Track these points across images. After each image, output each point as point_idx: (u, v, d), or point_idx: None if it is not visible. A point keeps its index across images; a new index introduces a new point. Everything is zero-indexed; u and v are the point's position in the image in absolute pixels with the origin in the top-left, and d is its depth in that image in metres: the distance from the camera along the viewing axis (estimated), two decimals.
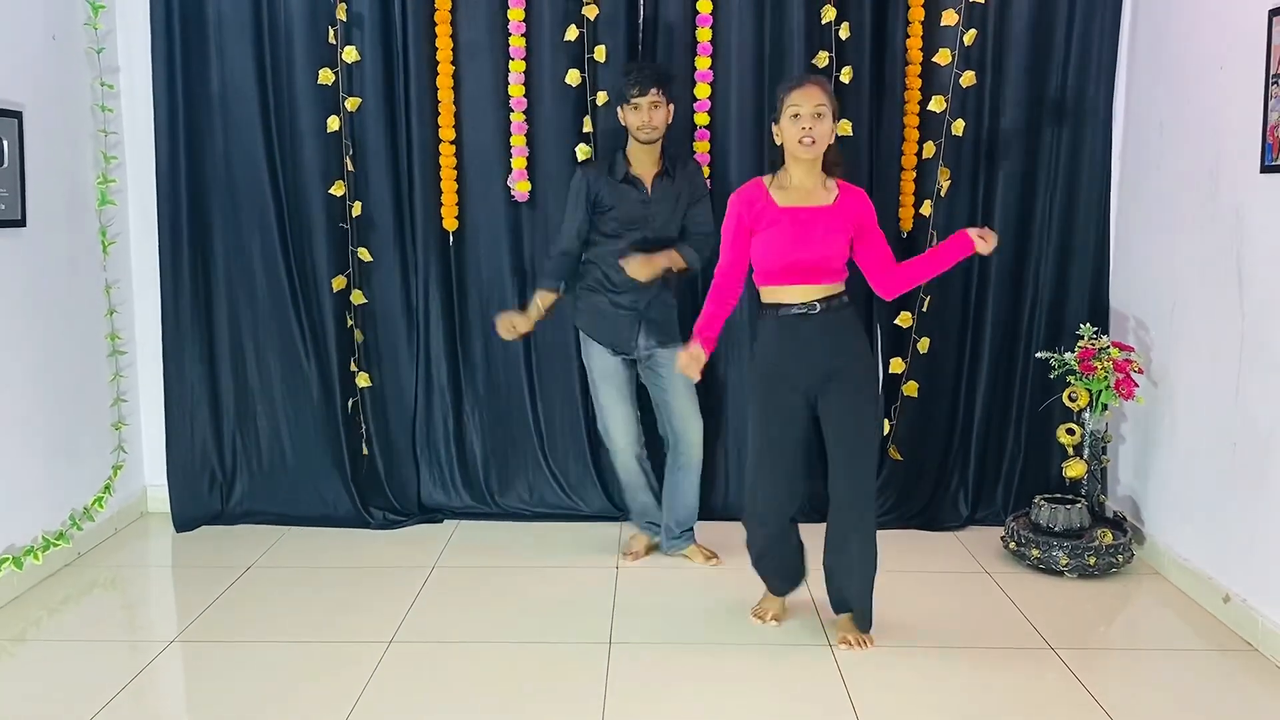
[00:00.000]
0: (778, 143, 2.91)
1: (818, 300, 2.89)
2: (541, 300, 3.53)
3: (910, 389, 4.03)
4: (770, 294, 2.94)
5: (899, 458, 4.07)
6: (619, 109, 3.47)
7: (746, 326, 3.91)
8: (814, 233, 2.86)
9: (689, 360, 2.93)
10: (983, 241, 2.90)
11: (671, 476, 3.69)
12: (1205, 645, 3.13)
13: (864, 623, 3.07)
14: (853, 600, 3.07)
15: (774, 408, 2.95)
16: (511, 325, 3.53)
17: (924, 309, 3.98)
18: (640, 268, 3.38)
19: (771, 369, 2.94)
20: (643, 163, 3.50)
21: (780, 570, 3.18)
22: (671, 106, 3.49)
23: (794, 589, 3.24)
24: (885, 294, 3.06)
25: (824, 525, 3.09)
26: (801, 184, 2.91)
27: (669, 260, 3.44)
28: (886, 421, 4.05)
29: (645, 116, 3.40)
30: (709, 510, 3.91)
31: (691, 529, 3.74)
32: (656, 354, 3.56)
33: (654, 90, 3.38)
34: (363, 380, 4.07)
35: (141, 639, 3.18)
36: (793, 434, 2.97)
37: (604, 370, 3.60)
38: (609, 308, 3.54)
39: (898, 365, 4.03)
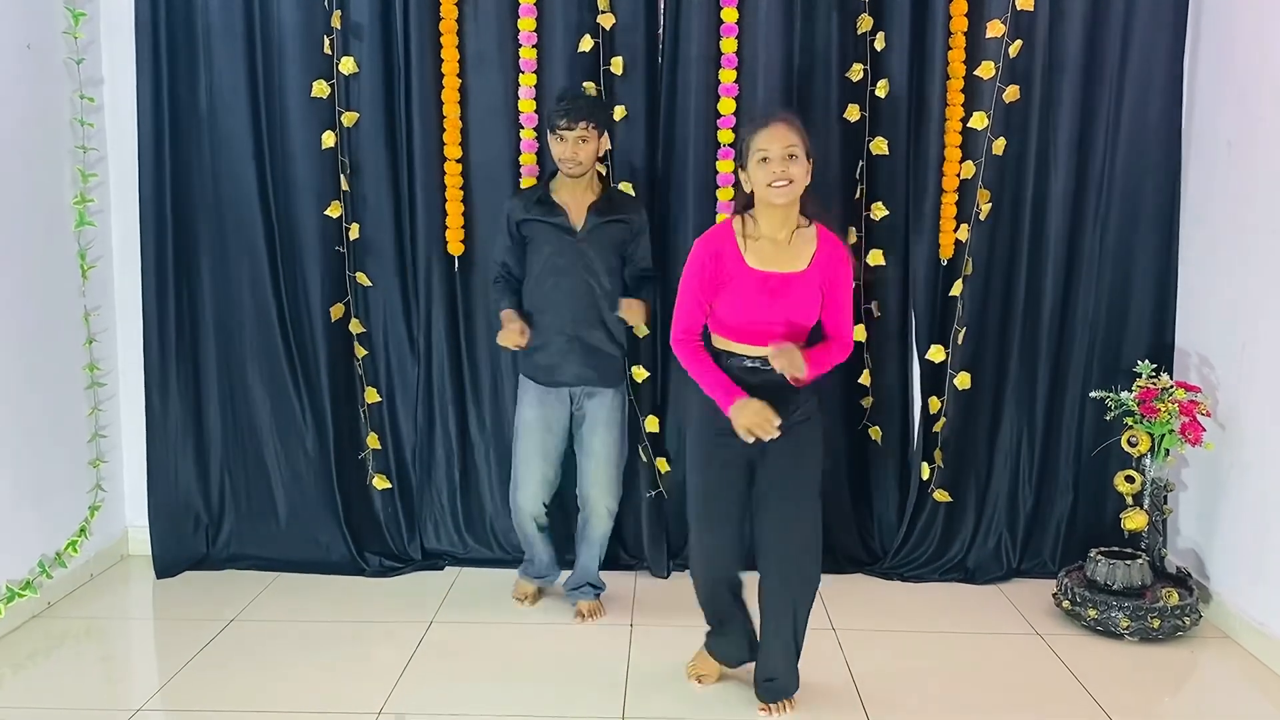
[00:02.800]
0: (746, 190, 2.60)
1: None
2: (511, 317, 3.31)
3: (938, 426, 3.71)
4: (723, 343, 2.68)
5: (948, 498, 3.75)
6: (548, 133, 3.24)
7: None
8: (783, 302, 2.59)
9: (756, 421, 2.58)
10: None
11: (582, 538, 3.48)
12: None
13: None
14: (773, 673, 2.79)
15: (719, 456, 2.68)
16: (519, 331, 3.24)
17: (959, 341, 3.66)
18: (634, 312, 3.27)
19: (719, 418, 2.61)
20: (572, 193, 3.28)
21: (740, 628, 2.87)
22: (605, 139, 3.29)
23: (743, 661, 2.91)
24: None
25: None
26: (773, 236, 2.60)
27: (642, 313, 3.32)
28: (926, 465, 3.74)
29: (570, 150, 3.18)
30: None
31: (596, 586, 3.48)
32: (586, 406, 3.34)
33: (583, 124, 3.16)
34: (371, 396, 3.81)
35: (109, 706, 2.87)
36: (736, 483, 2.69)
37: (531, 421, 3.36)
38: (546, 350, 3.31)
39: (935, 404, 3.72)
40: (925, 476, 3.73)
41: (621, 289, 3.36)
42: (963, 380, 3.68)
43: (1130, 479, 3.42)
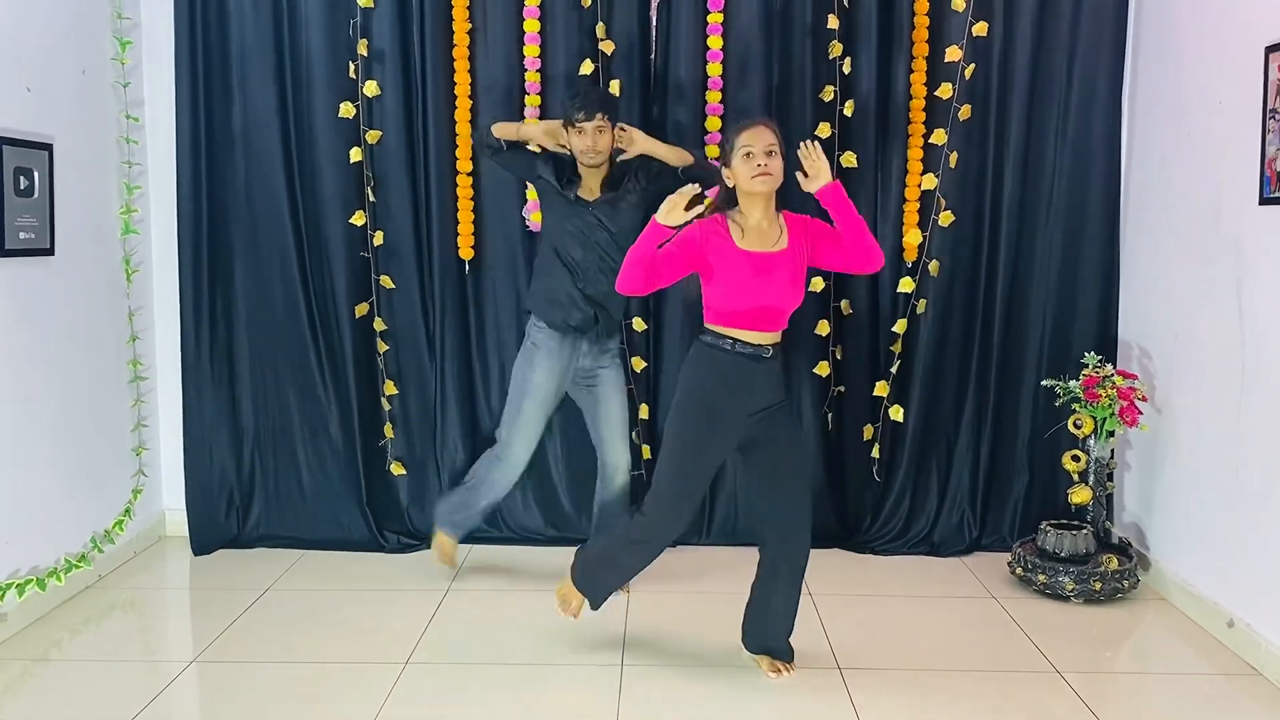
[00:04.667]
0: (729, 185, 2.91)
1: (772, 345, 2.90)
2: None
3: (896, 413, 4.08)
4: (723, 329, 2.90)
5: (900, 417, 4.09)
6: (564, 130, 3.48)
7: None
8: (776, 280, 2.85)
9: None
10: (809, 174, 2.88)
11: (599, 501, 3.73)
12: (1210, 670, 3.17)
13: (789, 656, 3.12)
14: (780, 638, 3.10)
15: (712, 439, 2.92)
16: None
17: (920, 335, 4.05)
18: (625, 137, 3.48)
19: (717, 401, 2.89)
20: (589, 187, 3.52)
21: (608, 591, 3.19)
22: (618, 131, 3.50)
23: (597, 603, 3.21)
24: (874, 266, 2.97)
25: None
26: (759, 225, 2.88)
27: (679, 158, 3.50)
28: (877, 446, 4.11)
29: (590, 141, 3.41)
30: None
31: None
32: (599, 373, 3.58)
33: (599, 115, 3.40)
34: (390, 389, 4.13)
35: (161, 660, 3.24)
36: (711, 469, 2.99)
37: (541, 385, 3.55)
38: (565, 297, 3.50)
39: (882, 389, 4.09)
40: (876, 455, 4.12)
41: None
42: (895, 412, 4.05)
43: (1076, 458, 3.80)
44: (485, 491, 3.75)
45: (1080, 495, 3.77)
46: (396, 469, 4.17)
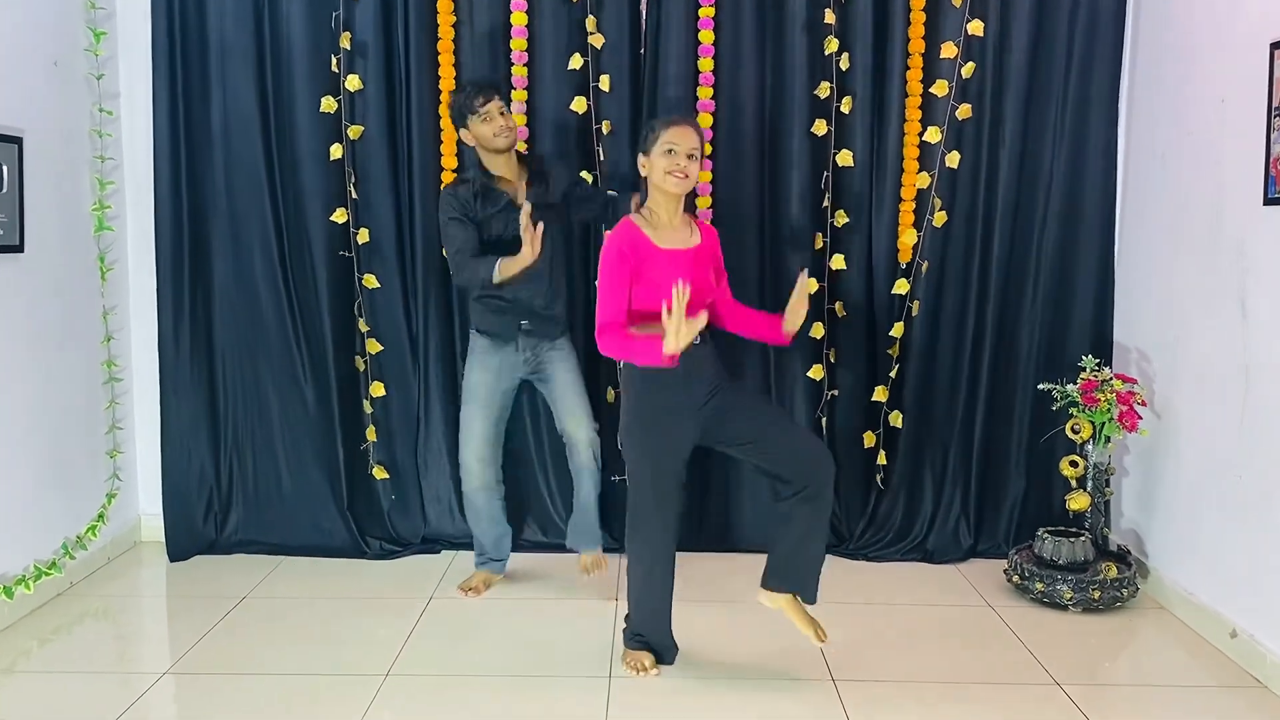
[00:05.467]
0: (643, 174, 2.91)
1: (700, 331, 2.82)
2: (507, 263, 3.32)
3: (896, 419, 4.01)
4: (646, 332, 2.82)
5: (899, 423, 4.04)
6: (462, 130, 3.40)
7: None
8: (696, 275, 2.88)
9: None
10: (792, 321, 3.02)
11: (575, 480, 3.70)
12: (1212, 681, 3.10)
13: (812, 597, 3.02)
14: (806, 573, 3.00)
15: (669, 442, 2.90)
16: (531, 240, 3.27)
17: (913, 338, 3.97)
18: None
19: (664, 403, 2.87)
20: (506, 171, 3.44)
21: (666, 614, 3.08)
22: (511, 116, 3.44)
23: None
24: (723, 325, 3.13)
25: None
26: (670, 222, 2.92)
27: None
28: (883, 454, 4.03)
29: (501, 121, 3.34)
30: None
31: (597, 534, 3.73)
32: (545, 356, 3.55)
33: (497, 97, 3.35)
34: (376, 389, 4.04)
35: (133, 671, 3.13)
36: (681, 466, 2.94)
37: (479, 384, 3.54)
38: (496, 307, 3.49)
39: (881, 394, 4.01)
40: (882, 463, 4.03)
41: (566, 256, 3.63)
42: (895, 418, 4.01)
43: (1074, 463, 3.72)
44: (471, 517, 3.70)
45: (1078, 501, 3.69)
46: (379, 473, 4.07)
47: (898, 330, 3.97)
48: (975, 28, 3.80)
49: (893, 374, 3.99)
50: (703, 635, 3.29)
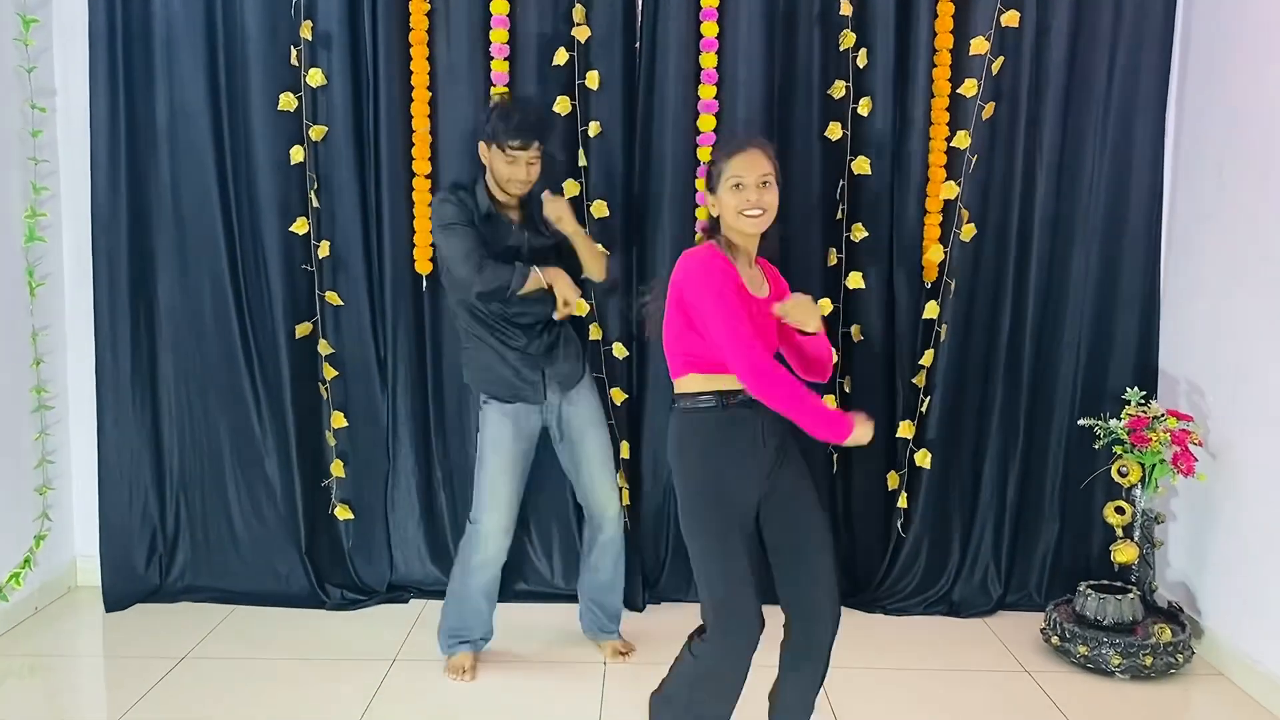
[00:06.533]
0: (713, 214, 2.44)
1: None
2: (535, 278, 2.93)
3: (922, 458, 3.60)
4: (707, 381, 2.37)
5: (927, 463, 3.62)
6: (486, 146, 2.97)
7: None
8: (767, 328, 2.42)
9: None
10: None
11: (590, 557, 3.23)
12: None
13: None
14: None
15: (734, 518, 2.33)
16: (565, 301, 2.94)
17: (939, 366, 3.57)
18: (556, 205, 2.97)
19: (726, 472, 2.34)
20: (507, 207, 3.04)
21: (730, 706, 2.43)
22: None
23: None
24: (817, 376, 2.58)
25: None
26: (744, 265, 2.43)
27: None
28: (904, 496, 3.63)
29: (522, 172, 2.92)
30: None
31: (619, 617, 3.29)
32: (564, 412, 3.09)
33: (536, 144, 2.92)
34: (338, 420, 3.63)
35: None
36: (750, 543, 2.38)
37: (499, 438, 3.04)
38: (501, 359, 3.02)
39: (907, 429, 3.61)
40: (903, 506, 3.62)
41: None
42: (921, 457, 3.59)
43: (1120, 510, 3.32)
44: (464, 592, 3.14)
45: (1125, 553, 3.29)
46: (342, 513, 3.66)
47: (928, 359, 3.57)
48: (1010, 19, 3.41)
49: (923, 408, 3.58)
50: None
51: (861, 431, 2.29)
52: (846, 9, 3.42)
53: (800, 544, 2.40)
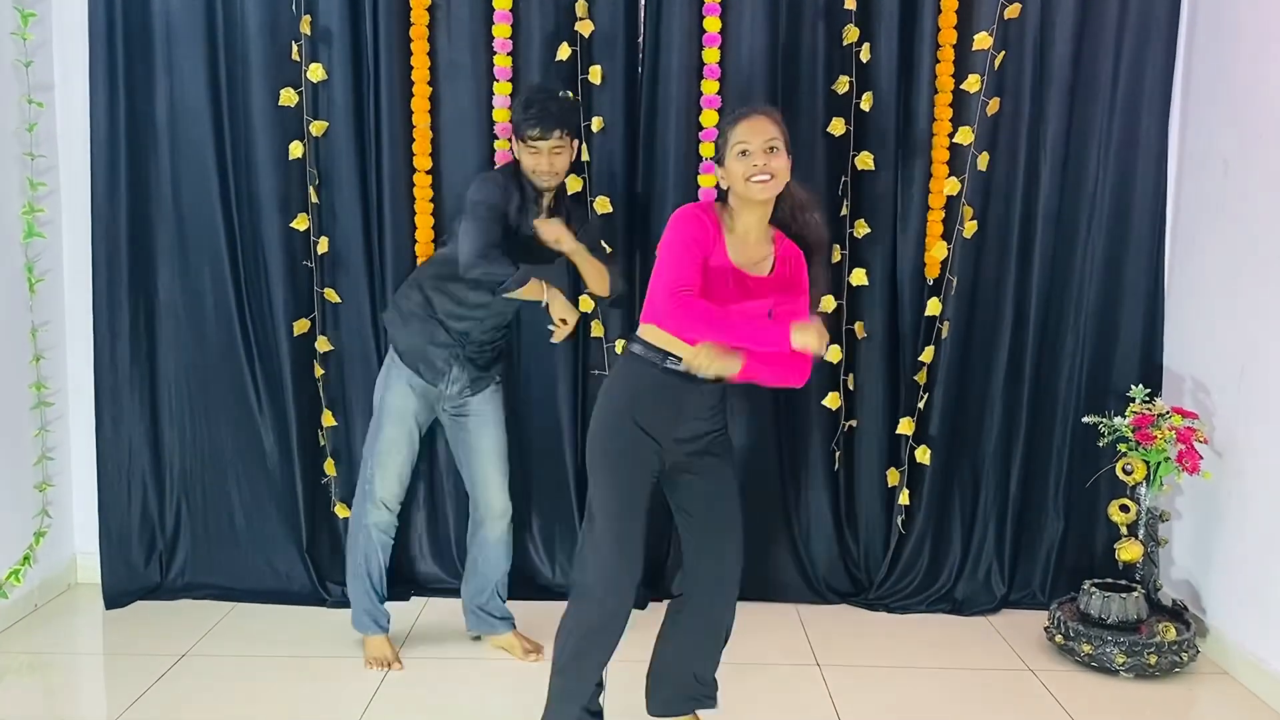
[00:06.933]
0: (723, 186, 2.42)
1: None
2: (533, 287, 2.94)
3: (923, 454, 3.58)
4: (660, 336, 2.42)
5: (927, 459, 3.60)
6: (512, 141, 2.98)
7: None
8: (751, 305, 2.41)
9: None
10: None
11: (474, 549, 3.24)
12: None
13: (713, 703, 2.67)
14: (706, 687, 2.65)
15: (636, 464, 2.45)
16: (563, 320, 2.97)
17: (941, 363, 3.55)
18: (552, 228, 2.94)
19: (640, 420, 2.43)
20: (540, 202, 3.01)
21: (599, 666, 2.54)
22: (575, 144, 3.02)
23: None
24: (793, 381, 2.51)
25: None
26: (746, 235, 2.42)
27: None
28: (906, 493, 3.61)
29: (545, 163, 2.90)
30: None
31: (508, 613, 3.27)
32: (468, 402, 3.10)
33: (557, 133, 2.88)
34: (328, 420, 3.61)
35: None
36: (645, 496, 2.48)
37: (399, 409, 3.08)
38: (433, 344, 3.04)
39: (907, 426, 3.59)
40: (905, 503, 3.61)
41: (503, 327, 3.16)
42: (922, 453, 3.57)
43: (1125, 508, 3.30)
44: (362, 558, 3.15)
45: (1129, 551, 3.27)
46: (340, 511, 3.64)
47: (927, 355, 3.55)
48: (1012, 11, 3.39)
49: (921, 404, 3.56)
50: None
51: (804, 336, 2.24)
52: (850, 3, 3.40)
53: (710, 524, 2.52)
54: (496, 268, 2.87)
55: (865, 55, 3.46)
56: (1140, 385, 3.39)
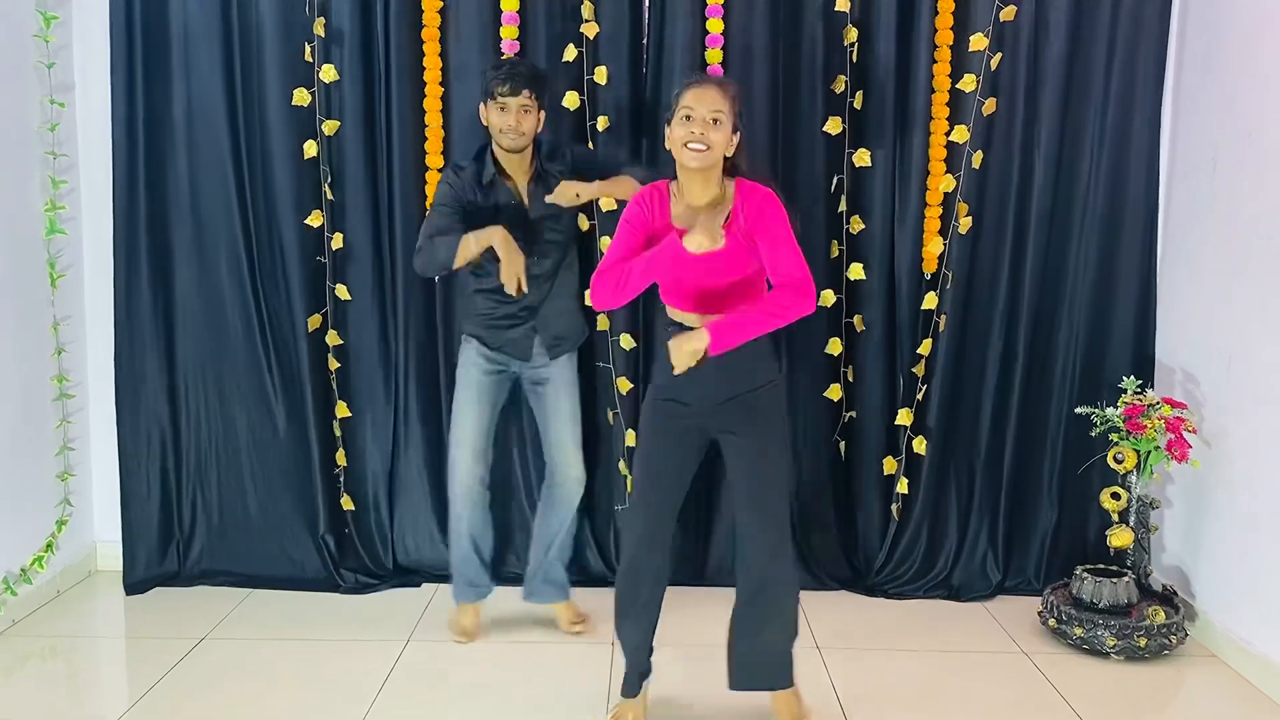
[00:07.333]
0: (666, 147, 2.49)
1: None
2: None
3: (919, 445, 3.68)
4: (672, 311, 2.61)
5: (923, 449, 3.70)
6: (482, 104, 3.10)
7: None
8: (709, 267, 2.47)
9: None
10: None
11: (544, 514, 3.35)
12: None
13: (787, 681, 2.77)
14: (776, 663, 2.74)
15: (663, 432, 2.62)
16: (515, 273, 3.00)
17: (938, 356, 3.64)
18: (566, 189, 3.07)
19: (667, 394, 2.60)
20: (513, 167, 3.14)
21: (642, 609, 2.72)
22: (543, 114, 3.12)
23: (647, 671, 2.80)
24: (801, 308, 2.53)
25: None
26: (695, 201, 2.49)
27: (609, 188, 3.10)
28: (904, 481, 3.71)
29: (513, 120, 3.01)
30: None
31: (565, 583, 3.39)
32: (546, 368, 3.22)
33: (525, 92, 3.00)
34: (341, 411, 3.70)
35: None
36: (675, 465, 2.62)
37: (473, 379, 3.22)
38: (499, 317, 3.18)
39: (905, 417, 3.69)
40: (903, 491, 3.71)
41: (564, 255, 3.24)
42: (919, 444, 3.67)
43: (1116, 496, 3.39)
44: (454, 519, 3.30)
45: (1120, 538, 3.36)
46: (346, 503, 3.73)
47: (925, 348, 3.64)
48: (1008, 13, 3.48)
49: (919, 396, 3.66)
50: (702, 681, 2.96)
51: (692, 240, 2.33)
52: (844, 5, 3.49)
53: (750, 484, 2.62)
54: (430, 256, 3.05)
55: (856, 56, 3.55)
56: (1132, 377, 3.48)
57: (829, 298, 3.60)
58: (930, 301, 3.63)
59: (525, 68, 3.07)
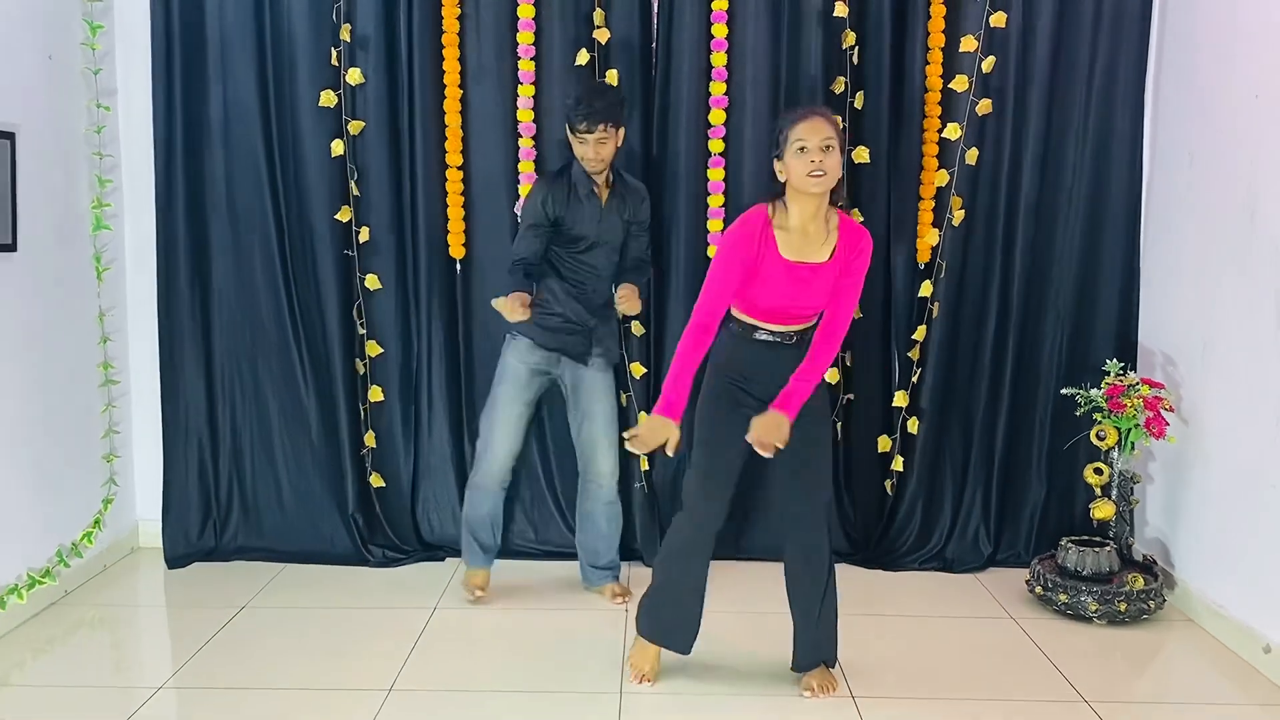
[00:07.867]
0: (781, 179, 2.71)
1: (795, 332, 2.80)
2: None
3: (913, 425, 3.90)
4: (745, 316, 2.83)
5: (890, 494, 3.96)
6: (566, 130, 3.34)
7: None
8: (810, 290, 2.73)
9: (651, 436, 2.76)
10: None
11: (582, 510, 3.62)
12: (1245, 699, 2.98)
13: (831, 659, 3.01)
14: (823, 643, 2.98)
15: (729, 421, 2.81)
16: (522, 306, 3.27)
17: (932, 341, 3.86)
18: (631, 302, 3.37)
19: (735, 381, 2.84)
20: (595, 181, 3.40)
21: (687, 571, 2.95)
22: (622, 132, 3.35)
23: (684, 645, 3.01)
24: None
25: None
26: (803, 226, 2.70)
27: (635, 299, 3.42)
28: (900, 460, 3.92)
29: (590, 151, 3.27)
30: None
31: (617, 564, 3.66)
32: (583, 372, 3.48)
33: (601, 126, 3.23)
34: (375, 395, 3.93)
35: (130, 685, 3.01)
36: (738, 453, 2.85)
37: (520, 375, 3.47)
38: (558, 323, 3.43)
39: (901, 399, 3.90)
40: (899, 469, 3.92)
41: (615, 275, 3.50)
42: (913, 425, 3.89)
43: (1099, 471, 3.60)
44: (473, 512, 3.58)
45: (1103, 510, 3.58)
46: (375, 480, 3.96)
47: (920, 334, 3.86)
48: (998, 19, 3.69)
49: (914, 378, 3.87)
50: (719, 646, 3.18)
51: (661, 428, 2.75)
52: (842, 10, 3.69)
53: (795, 466, 2.86)
54: (510, 278, 3.38)
55: (857, 58, 3.76)
56: (1115, 360, 3.68)
57: None
58: (925, 290, 3.84)
59: (601, 103, 3.24)
